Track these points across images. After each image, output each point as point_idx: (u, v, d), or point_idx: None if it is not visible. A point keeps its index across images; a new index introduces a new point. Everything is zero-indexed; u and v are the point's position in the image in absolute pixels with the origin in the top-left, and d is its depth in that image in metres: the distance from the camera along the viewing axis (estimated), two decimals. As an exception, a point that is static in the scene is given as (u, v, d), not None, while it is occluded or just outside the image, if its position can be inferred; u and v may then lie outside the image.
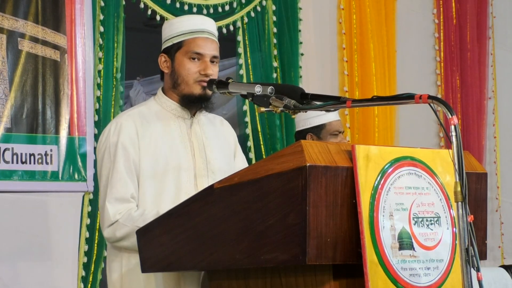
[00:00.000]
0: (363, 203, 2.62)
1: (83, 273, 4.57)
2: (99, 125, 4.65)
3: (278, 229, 2.59)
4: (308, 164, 2.54)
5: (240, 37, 5.41)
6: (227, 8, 5.33)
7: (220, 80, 3.32)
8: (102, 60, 4.72)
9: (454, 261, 2.82)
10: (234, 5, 5.38)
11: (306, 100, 3.00)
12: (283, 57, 5.61)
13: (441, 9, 6.83)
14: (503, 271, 5.41)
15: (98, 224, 4.56)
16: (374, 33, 6.12)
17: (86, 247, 4.58)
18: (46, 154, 4.44)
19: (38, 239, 4.47)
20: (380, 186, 2.67)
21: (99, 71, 4.71)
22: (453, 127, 2.51)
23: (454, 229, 2.84)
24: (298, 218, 2.54)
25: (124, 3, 4.85)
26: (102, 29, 4.72)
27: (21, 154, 4.34)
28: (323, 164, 2.58)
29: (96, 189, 4.54)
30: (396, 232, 2.68)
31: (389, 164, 2.72)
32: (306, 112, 3.28)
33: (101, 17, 4.73)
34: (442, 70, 6.78)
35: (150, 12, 4.99)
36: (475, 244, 2.48)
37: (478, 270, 2.49)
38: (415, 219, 2.74)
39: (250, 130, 5.44)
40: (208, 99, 3.43)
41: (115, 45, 4.79)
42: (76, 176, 4.54)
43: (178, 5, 5.09)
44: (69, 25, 4.58)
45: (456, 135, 2.51)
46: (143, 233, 2.96)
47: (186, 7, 5.12)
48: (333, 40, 6.02)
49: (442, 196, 2.83)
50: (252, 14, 5.47)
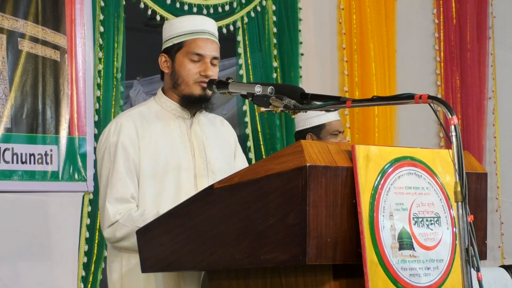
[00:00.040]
0: (363, 203, 2.62)
1: (83, 273, 4.57)
2: (99, 125, 4.65)
3: (278, 229, 2.59)
4: (308, 164, 2.54)
5: (240, 37, 5.41)
6: (227, 8, 5.33)
7: (220, 80, 3.32)
8: (102, 60, 4.72)
9: (454, 261, 2.81)
10: (234, 5, 5.38)
11: (306, 100, 3.00)
12: (283, 57, 5.61)
13: (441, 9, 6.83)
14: (503, 271, 5.41)
15: (98, 224, 4.56)
16: (374, 33, 6.12)
17: (86, 247, 4.58)
18: (46, 154, 4.44)
19: (38, 239, 4.47)
20: (380, 186, 2.67)
21: (99, 71, 4.71)
22: (453, 127, 2.51)
23: (454, 229, 2.84)
24: (298, 218, 2.54)
25: (124, 3, 4.85)
26: (102, 29, 4.72)
27: (21, 154, 4.34)
28: (323, 164, 2.58)
29: (96, 189, 4.53)
30: (396, 232, 2.68)
31: (389, 164, 2.72)
32: (306, 112, 3.28)
33: (101, 17, 4.73)
34: (442, 70, 6.78)
35: (150, 12, 4.99)
36: (475, 244, 2.48)
37: (478, 270, 2.49)
38: (415, 219, 2.74)
39: (250, 130, 5.44)
40: (208, 100, 3.43)
41: (115, 45, 4.79)
42: (76, 176, 4.54)
43: (178, 5, 5.09)
44: (69, 25, 4.58)
45: (456, 135, 2.51)
46: (143, 233, 2.96)
47: (186, 7, 5.12)
48: (333, 40, 6.02)
49: (442, 196, 2.83)
50: (252, 14, 5.47)
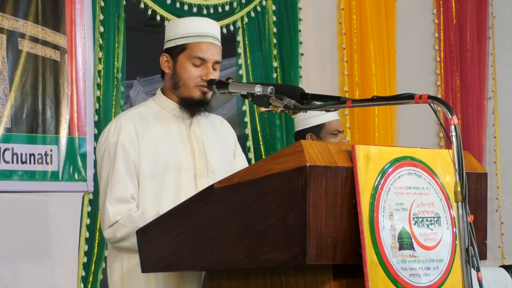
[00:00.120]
0: (363, 203, 2.62)
1: (83, 273, 4.57)
2: (99, 125, 4.65)
3: (278, 229, 2.59)
4: (308, 164, 2.54)
5: (240, 37, 5.41)
6: (227, 8, 5.33)
7: (220, 80, 3.31)
8: (102, 60, 4.72)
9: (454, 261, 2.81)
10: (234, 5, 5.38)
11: (306, 100, 3.00)
12: (283, 57, 5.61)
13: (441, 9, 6.83)
14: (503, 271, 5.41)
15: (98, 224, 4.56)
16: (374, 33, 6.12)
17: (86, 247, 4.58)
18: (46, 154, 4.44)
19: (38, 239, 4.47)
20: (380, 186, 2.67)
21: (99, 71, 4.71)
22: (453, 127, 2.51)
23: (454, 229, 2.84)
24: (298, 218, 2.54)
25: (124, 3, 4.85)
26: (102, 29, 4.72)
27: (21, 154, 4.34)
28: (323, 164, 2.58)
29: (96, 189, 4.53)
30: (396, 232, 2.68)
31: (389, 164, 2.72)
32: (306, 112, 3.28)
33: (101, 17, 4.73)
34: (442, 70, 6.78)
35: (150, 12, 4.99)
36: (475, 244, 2.48)
37: (478, 270, 2.49)
38: (415, 219, 2.74)
39: (249, 130, 5.44)
40: (207, 104, 3.43)
41: (116, 45, 4.79)
42: (76, 176, 4.54)
43: (178, 5, 5.09)
44: (69, 25, 4.58)
45: (456, 135, 2.51)
46: (143, 233, 2.96)
47: (186, 7, 5.12)
48: (333, 40, 6.02)
49: (442, 196, 2.83)
50: (252, 14, 5.47)
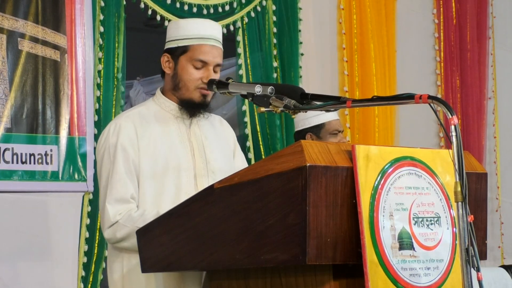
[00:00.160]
0: (363, 203, 2.62)
1: (83, 273, 4.57)
2: (99, 125, 4.65)
3: (278, 229, 2.59)
4: (308, 164, 2.54)
5: (240, 37, 5.41)
6: (227, 8, 5.33)
7: (220, 80, 3.31)
8: (102, 60, 4.72)
9: (454, 261, 2.81)
10: (234, 5, 5.38)
11: (306, 100, 3.00)
12: (283, 57, 5.61)
13: (441, 9, 6.83)
14: (503, 271, 5.41)
15: (98, 224, 4.55)
16: (374, 33, 6.12)
17: (86, 247, 4.58)
18: (46, 154, 4.44)
19: (38, 239, 4.47)
20: (380, 186, 2.67)
21: (99, 71, 4.71)
22: (453, 127, 2.51)
23: (454, 229, 2.84)
24: (298, 218, 2.54)
25: (124, 3, 4.85)
26: (102, 29, 4.72)
27: (21, 154, 4.34)
28: (323, 164, 2.58)
29: (96, 189, 4.53)
30: (396, 232, 2.68)
31: (389, 164, 2.72)
32: (305, 112, 3.28)
33: (101, 17, 4.73)
34: (442, 70, 6.78)
35: (150, 12, 4.99)
36: (475, 244, 2.48)
37: (478, 270, 2.49)
38: (415, 219, 2.74)
39: (249, 130, 5.44)
40: (207, 106, 3.43)
41: (116, 45, 4.79)
42: (76, 176, 4.54)
43: (178, 5, 5.09)
44: (69, 25, 4.58)
45: (456, 135, 2.51)
46: (143, 233, 2.96)
47: (186, 7, 5.12)
48: (333, 40, 6.02)
49: (442, 196, 2.83)
50: (252, 14, 5.47)
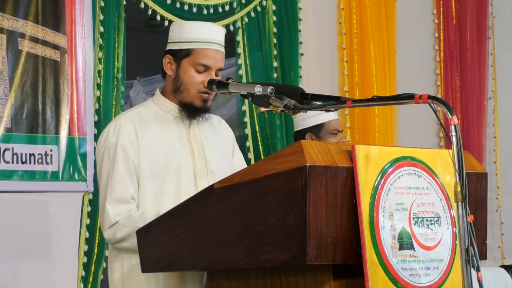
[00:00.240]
0: (363, 203, 2.62)
1: (83, 273, 4.57)
2: (99, 125, 4.65)
3: (278, 229, 2.59)
4: (308, 164, 2.54)
5: (240, 37, 5.41)
6: (227, 8, 5.33)
7: (220, 80, 3.31)
8: (102, 60, 4.72)
9: (454, 261, 2.81)
10: (234, 5, 5.38)
11: (306, 100, 3.00)
12: (283, 57, 5.61)
13: (441, 9, 6.83)
14: (503, 271, 5.41)
15: (98, 224, 4.55)
16: (374, 33, 6.12)
17: (86, 247, 4.58)
18: (46, 154, 4.44)
19: (38, 239, 4.47)
20: (380, 186, 2.67)
21: (99, 71, 4.71)
22: (453, 127, 2.51)
23: (454, 229, 2.84)
24: (298, 218, 2.54)
25: (124, 3, 4.85)
26: (102, 29, 4.72)
27: (21, 154, 4.34)
28: (323, 164, 2.58)
29: (96, 189, 4.53)
30: (396, 232, 2.68)
31: (389, 164, 2.72)
32: (305, 112, 3.28)
33: (101, 17, 4.72)
34: (442, 70, 6.78)
35: (150, 12, 4.99)
36: (475, 244, 2.48)
37: (478, 270, 2.49)
38: (415, 219, 2.74)
39: (249, 130, 5.44)
40: (207, 111, 3.43)
41: (116, 45, 4.78)
42: (76, 176, 4.54)
43: (178, 5, 5.08)
44: (69, 25, 4.58)
45: (456, 135, 2.51)
46: (143, 233, 2.96)
47: (186, 7, 5.11)
48: (333, 40, 6.02)
49: (442, 196, 2.83)
50: (252, 14, 5.46)
